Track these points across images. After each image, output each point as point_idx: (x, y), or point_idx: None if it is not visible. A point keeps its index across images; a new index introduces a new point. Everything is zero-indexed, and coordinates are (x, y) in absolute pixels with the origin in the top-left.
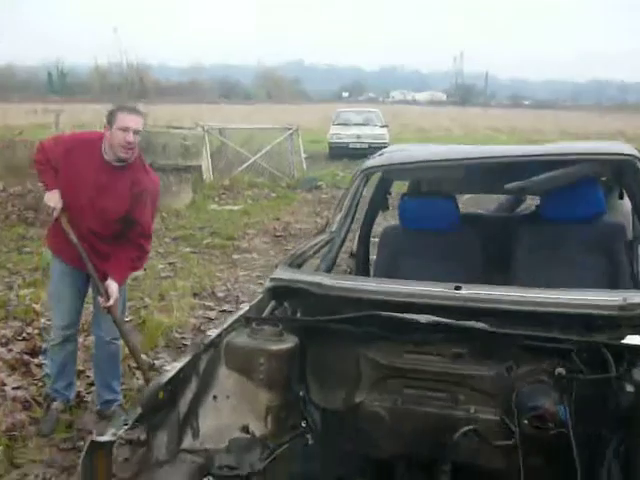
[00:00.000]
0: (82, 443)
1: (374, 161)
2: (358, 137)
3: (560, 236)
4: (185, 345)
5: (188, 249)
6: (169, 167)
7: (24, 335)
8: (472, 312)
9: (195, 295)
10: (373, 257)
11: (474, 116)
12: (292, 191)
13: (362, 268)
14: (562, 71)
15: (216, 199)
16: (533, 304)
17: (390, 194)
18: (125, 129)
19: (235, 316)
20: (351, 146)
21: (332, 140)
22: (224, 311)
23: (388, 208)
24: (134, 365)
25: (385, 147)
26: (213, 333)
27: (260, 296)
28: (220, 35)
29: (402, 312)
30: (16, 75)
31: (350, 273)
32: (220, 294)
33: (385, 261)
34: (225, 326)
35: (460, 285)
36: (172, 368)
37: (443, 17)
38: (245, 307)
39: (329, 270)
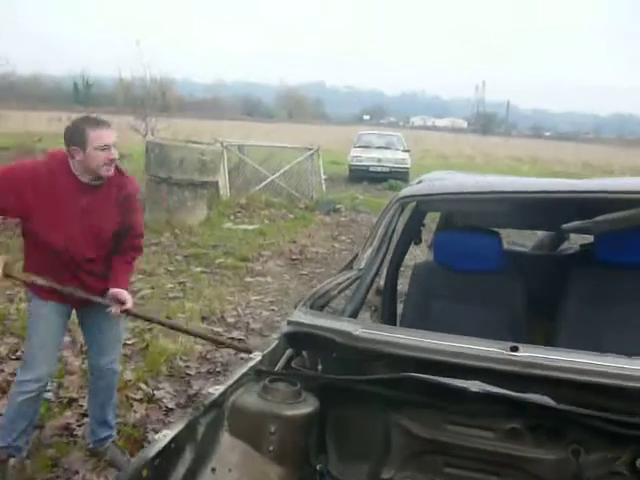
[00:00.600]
0: None
1: (412, 189)
2: (379, 160)
3: (618, 282)
4: (188, 374)
5: (199, 268)
6: (185, 182)
7: (18, 354)
8: (531, 380)
9: (204, 319)
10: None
11: (495, 145)
12: (310, 213)
13: (389, 307)
14: (584, 103)
15: (231, 217)
16: (614, 376)
17: (424, 226)
18: (105, 147)
19: (244, 368)
20: (371, 169)
21: (353, 162)
22: (232, 338)
23: (421, 241)
24: (132, 396)
25: (406, 172)
26: (216, 390)
27: (275, 342)
28: (242, 52)
29: (446, 373)
30: (42, 85)
31: (376, 312)
32: (230, 319)
33: (416, 302)
34: (231, 381)
35: (517, 345)
36: (162, 437)
37: (465, 44)
38: (256, 356)
39: (356, 314)
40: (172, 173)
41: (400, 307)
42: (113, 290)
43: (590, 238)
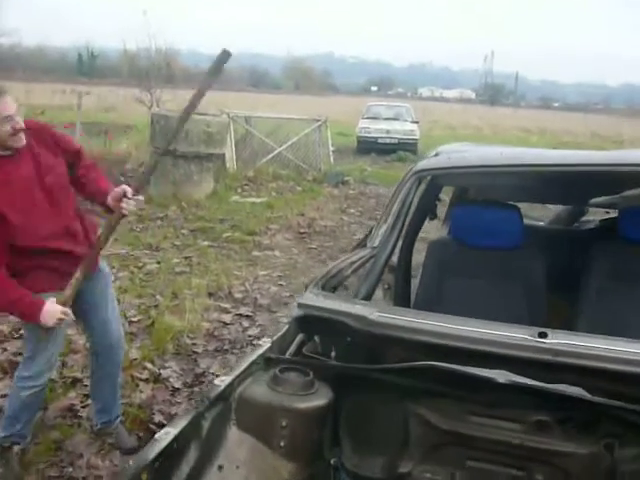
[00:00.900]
0: (71, 469)
1: (429, 162)
2: (387, 132)
3: None
4: (195, 352)
5: (206, 243)
6: (191, 154)
7: (21, 332)
8: (561, 369)
9: (210, 295)
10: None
11: (503, 116)
12: (318, 185)
13: (403, 285)
14: (593, 74)
15: (239, 190)
16: None
17: (440, 200)
18: (8, 118)
19: (253, 356)
20: (380, 141)
21: (361, 134)
22: (240, 315)
23: (436, 216)
24: (137, 375)
25: (415, 143)
26: (223, 382)
27: (285, 327)
28: (249, 23)
29: (468, 361)
30: (47, 56)
31: (389, 290)
32: (237, 295)
33: (431, 279)
34: (238, 371)
35: (545, 331)
36: (164, 436)
37: (474, 15)
38: (265, 342)
39: (371, 295)
40: (177, 145)
41: (414, 284)
42: (110, 196)
43: (610, 213)
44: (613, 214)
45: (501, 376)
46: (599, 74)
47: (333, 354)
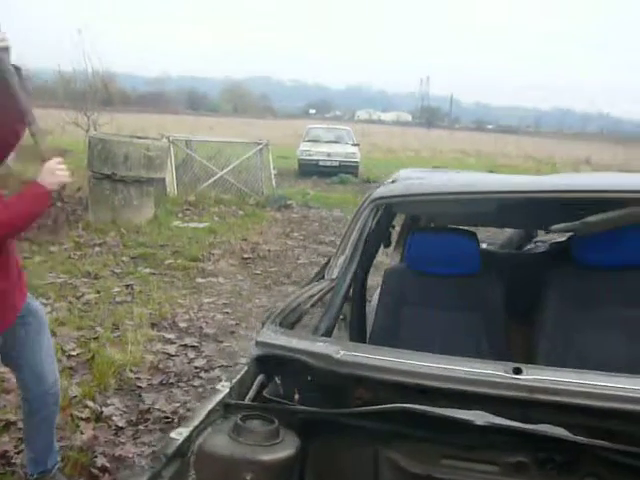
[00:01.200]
0: None
1: (387, 190)
2: (329, 155)
3: (598, 284)
4: (139, 387)
5: (148, 270)
6: (130, 179)
7: None
8: (538, 406)
9: (153, 325)
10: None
11: (440, 138)
12: (261, 209)
13: (358, 316)
14: (525, 98)
15: (180, 215)
16: (636, 401)
17: (394, 227)
18: None
19: (211, 402)
20: (321, 163)
21: (302, 157)
22: (185, 346)
23: (390, 244)
24: (77, 414)
25: (356, 166)
26: (180, 435)
27: (244, 368)
28: (187, 46)
29: (441, 401)
30: None
31: (344, 320)
32: (182, 324)
33: (388, 309)
34: (197, 422)
35: (519, 367)
36: None
37: (409, 39)
38: (224, 386)
39: (331, 331)
40: (117, 169)
41: (369, 311)
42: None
43: (561, 236)
44: (563, 237)
45: (478, 417)
46: (530, 98)
47: (297, 396)
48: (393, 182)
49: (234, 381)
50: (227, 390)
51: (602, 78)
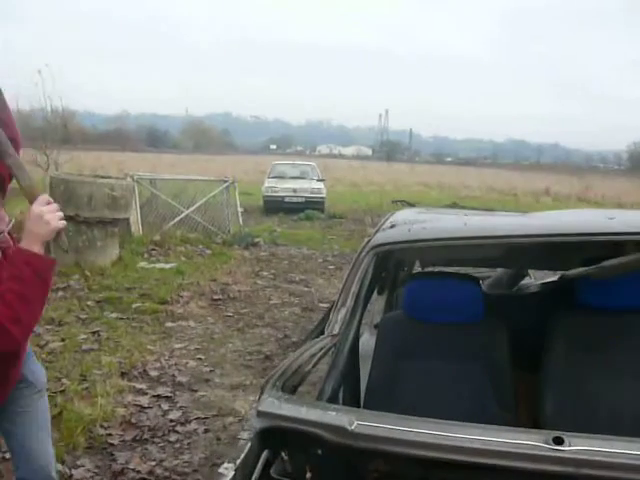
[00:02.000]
0: None
1: (387, 236)
2: (295, 191)
3: (606, 328)
4: (111, 445)
5: (115, 315)
6: (94, 220)
7: None
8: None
9: (123, 374)
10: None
11: (401, 172)
12: (228, 248)
13: (353, 370)
14: (481, 130)
15: (146, 255)
16: None
17: (387, 272)
18: None
19: None
20: (287, 200)
21: (267, 193)
22: (158, 396)
23: (384, 291)
24: None
25: (322, 201)
26: None
27: (247, 445)
28: (146, 84)
29: (471, 476)
30: None
31: None
32: (153, 372)
33: (385, 362)
34: None
35: (561, 436)
36: None
37: (367, 75)
38: (227, 469)
39: (337, 395)
40: (80, 210)
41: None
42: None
43: (550, 276)
44: (554, 277)
45: None
46: (487, 130)
47: (308, 475)
48: (392, 226)
49: (238, 462)
50: (232, 474)
51: (551, 109)
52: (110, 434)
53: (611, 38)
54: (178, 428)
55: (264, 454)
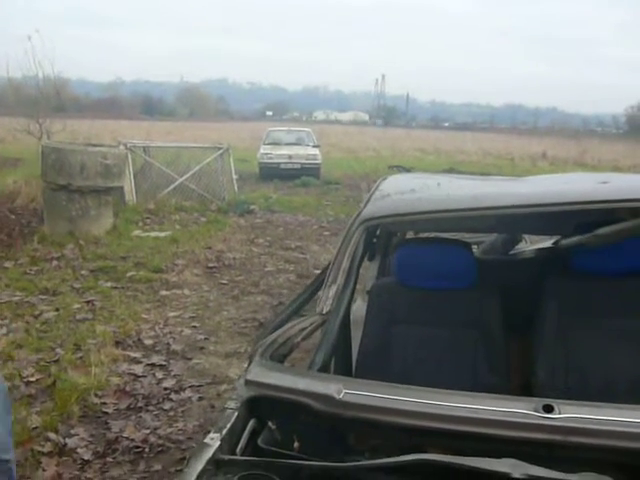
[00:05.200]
0: None
1: (378, 209)
2: (290, 157)
3: (599, 293)
4: (106, 413)
5: (109, 284)
6: (87, 189)
7: None
8: (574, 449)
9: (118, 343)
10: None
11: (398, 137)
12: (223, 215)
13: (342, 334)
14: (479, 95)
15: (140, 224)
16: None
17: (377, 238)
18: None
19: (200, 461)
20: (282, 166)
21: (263, 160)
22: (153, 365)
23: (374, 257)
24: (39, 449)
25: (318, 168)
26: None
27: (234, 414)
28: (141, 51)
29: (460, 445)
30: None
31: None
32: (148, 341)
33: (377, 328)
34: None
35: (551, 404)
36: None
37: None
38: (213, 439)
39: (328, 365)
40: (72, 179)
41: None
42: None
43: (546, 241)
44: (549, 241)
45: (514, 468)
46: (484, 95)
47: (296, 444)
48: (383, 198)
49: (224, 432)
50: (218, 444)
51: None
52: (104, 403)
53: None
54: (172, 396)
55: (251, 423)
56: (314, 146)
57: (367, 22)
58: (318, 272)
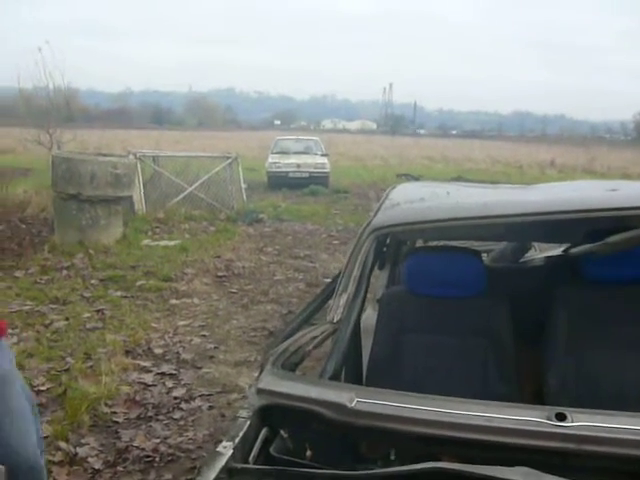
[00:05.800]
0: None
1: (386, 217)
2: (298, 166)
3: (613, 302)
4: (116, 423)
5: (119, 293)
6: (97, 198)
7: None
8: (587, 458)
9: (128, 352)
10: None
11: (406, 145)
12: (232, 224)
13: (353, 343)
14: (487, 103)
15: (149, 233)
16: None
17: (387, 247)
18: None
19: (213, 470)
20: (291, 175)
21: (271, 169)
22: (163, 374)
23: (384, 266)
24: (49, 458)
25: (326, 176)
26: None
27: (246, 423)
28: (149, 61)
29: (473, 453)
30: None
31: None
32: (157, 350)
33: (387, 337)
34: None
35: (563, 412)
36: None
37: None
38: (225, 447)
39: (339, 374)
40: (82, 189)
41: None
42: None
43: (555, 248)
44: (558, 249)
45: (528, 477)
46: (492, 102)
47: (308, 452)
48: (393, 207)
49: (237, 440)
50: (230, 452)
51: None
52: (114, 412)
53: (617, 6)
54: (182, 405)
55: (263, 432)
56: (322, 155)
57: (374, 31)
58: (327, 281)
